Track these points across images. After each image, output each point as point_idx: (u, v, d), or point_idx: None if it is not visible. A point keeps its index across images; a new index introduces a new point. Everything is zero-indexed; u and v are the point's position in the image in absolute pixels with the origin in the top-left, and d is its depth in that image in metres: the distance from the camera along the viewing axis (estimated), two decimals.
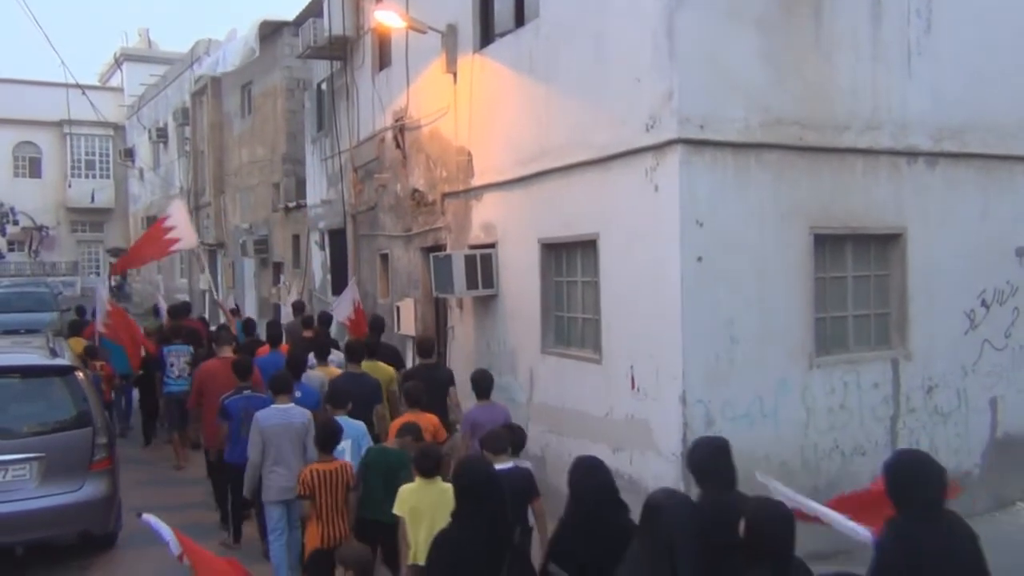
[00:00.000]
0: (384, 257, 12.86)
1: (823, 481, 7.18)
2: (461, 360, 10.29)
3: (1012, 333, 8.30)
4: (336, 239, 15.03)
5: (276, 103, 18.33)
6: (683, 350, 6.60)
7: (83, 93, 20.86)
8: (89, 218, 37.16)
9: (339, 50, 13.73)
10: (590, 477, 4.06)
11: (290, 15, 16.89)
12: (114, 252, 35.46)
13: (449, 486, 4.53)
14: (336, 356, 9.16)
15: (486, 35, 9.76)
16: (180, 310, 12.90)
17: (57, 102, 28.81)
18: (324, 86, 15.15)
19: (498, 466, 4.93)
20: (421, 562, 4.74)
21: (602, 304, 7.64)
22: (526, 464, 5.84)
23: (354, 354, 8.02)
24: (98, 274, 36.25)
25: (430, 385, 7.38)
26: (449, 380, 8.19)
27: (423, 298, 11.37)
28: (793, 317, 7.10)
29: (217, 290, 14.73)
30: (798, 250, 7.13)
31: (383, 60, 12.64)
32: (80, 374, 7.62)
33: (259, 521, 7.09)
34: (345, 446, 6.24)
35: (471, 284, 9.29)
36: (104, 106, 27.31)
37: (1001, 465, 8.20)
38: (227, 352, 8.76)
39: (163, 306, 14.06)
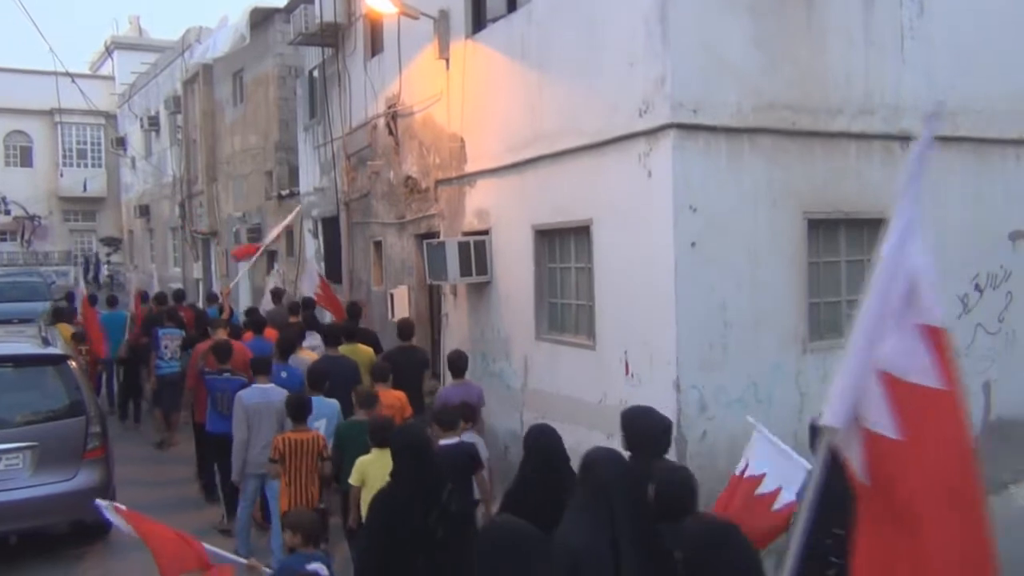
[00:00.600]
0: (378, 244, 12.83)
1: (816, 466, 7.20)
2: (455, 346, 10.28)
3: (1005, 317, 8.32)
4: (329, 227, 14.99)
5: (268, 90, 18.23)
6: (677, 336, 6.61)
7: (73, 81, 20.69)
8: (81, 207, 36.99)
9: (331, 37, 13.65)
10: (539, 440, 4.58)
11: (281, 1, 16.77)
12: (107, 241, 35.35)
13: None
14: (313, 340, 9.49)
15: (478, 20, 9.71)
16: (176, 296, 13.52)
17: (48, 91, 28.60)
18: (316, 73, 15.08)
19: (444, 441, 5.64)
20: None
21: (596, 290, 7.63)
22: (476, 439, 6.27)
23: (331, 338, 8.42)
24: (95, 264, 36.16)
25: (406, 366, 7.89)
26: (424, 362, 8.62)
27: (417, 285, 11.35)
28: (787, 302, 7.11)
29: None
30: (792, 235, 7.13)
31: (375, 46, 12.57)
32: (73, 363, 7.61)
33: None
34: (320, 424, 6.65)
35: (465, 271, 9.28)
36: (95, 95, 27.15)
37: (994, 449, 8.22)
38: (221, 335, 9.11)
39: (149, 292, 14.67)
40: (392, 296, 11.69)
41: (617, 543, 3.47)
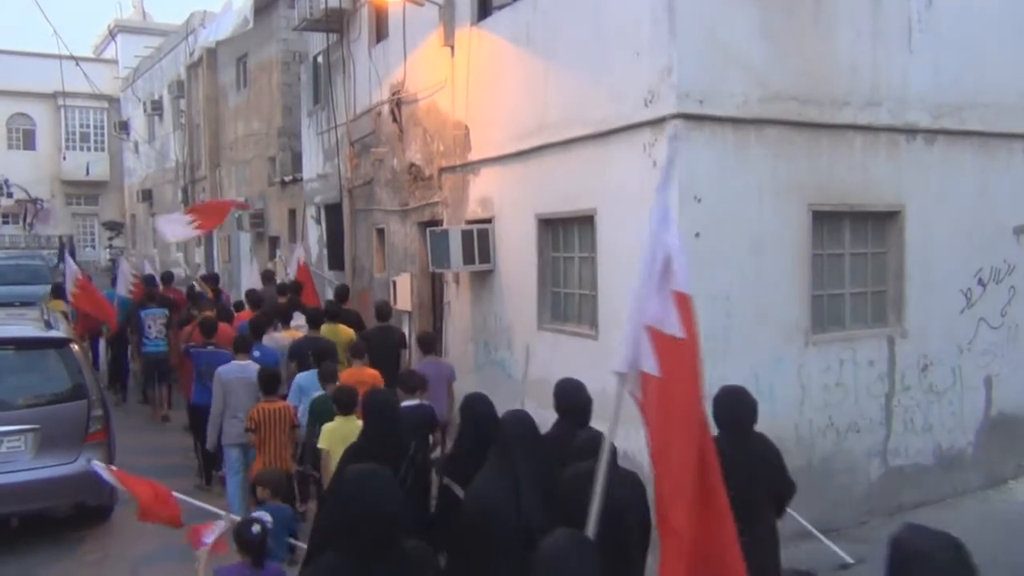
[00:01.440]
0: (380, 232, 12.81)
1: (817, 458, 7.21)
2: (458, 335, 10.29)
3: (1008, 312, 8.31)
4: (332, 213, 14.97)
5: (272, 76, 18.19)
6: None
7: (77, 64, 20.66)
8: (84, 191, 36.98)
9: (335, 22, 13.59)
10: (473, 409, 4.87)
11: None
12: (110, 225, 35.32)
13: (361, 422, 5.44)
14: (299, 320, 9.85)
15: (484, 8, 9.67)
16: (164, 279, 14.00)
17: (51, 74, 28.53)
18: (320, 59, 15.03)
19: (406, 402, 6.16)
20: None
21: (599, 280, 7.62)
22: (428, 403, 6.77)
23: (311, 320, 9.05)
24: (94, 247, 36.18)
25: (383, 345, 8.45)
26: (400, 342, 9.11)
27: (419, 273, 11.34)
28: (790, 294, 7.10)
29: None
30: (796, 227, 7.11)
31: (380, 32, 12.53)
32: (75, 346, 7.62)
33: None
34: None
35: (468, 259, 9.27)
36: (99, 78, 27.06)
37: (994, 443, 8.24)
38: (208, 314, 9.80)
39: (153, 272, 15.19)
40: (395, 283, 11.69)
41: (519, 490, 3.92)
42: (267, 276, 13.50)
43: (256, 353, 8.10)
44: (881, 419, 7.58)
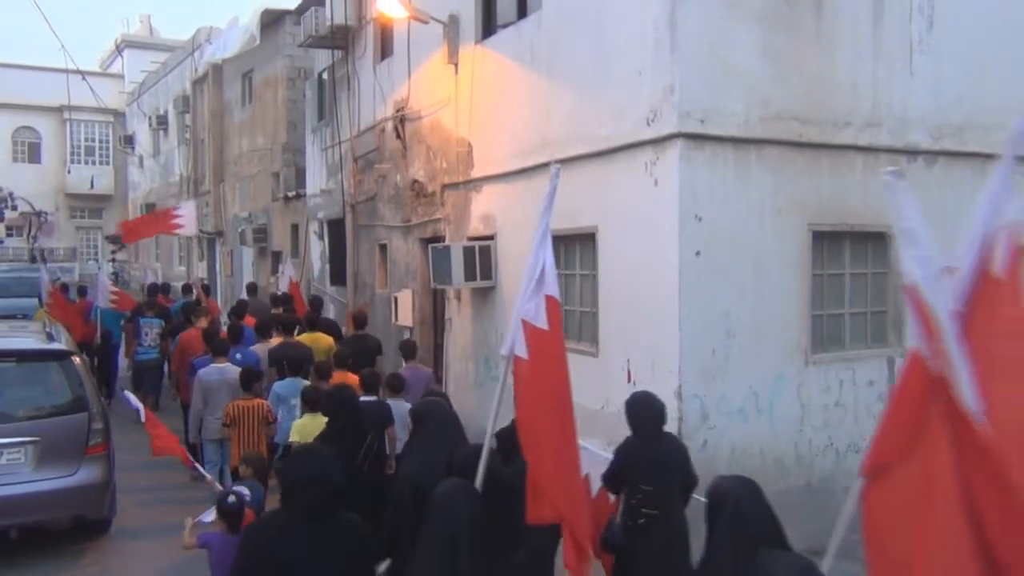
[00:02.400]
0: (383, 248, 12.85)
1: (816, 477, 7.20)
2: (458, 351, 10.30)
3: None
4: (335, 229, 15.02)
5: (277, 92, 18.29)
6: (680, 344, 6.61)
7: (83, 79, 20.79)
8: (88, 204, 37.08)
9: (341, 39, 13.69)
10: (432, 409, 5.30)
11: (292, 3, 16.83)
12: (113, 239, 35.37)
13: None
14: None
15: (488, 26, 9.74)
16: (160, 289, 14.58)
17: (57, 87, 28.74)
18: (325, 75, 15.12)
19: (364, 398, 6.69)
20: None
21: (600, 297, 7.64)
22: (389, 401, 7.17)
23: (287, 328, 9.63)
24: (97, 260, 36.22)
25: (359, 352, 8.77)
26: (376, 349, 9.33)
27: (421, 289, 11.36)
28: (790, 313, 7.11)
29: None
30: (796, 246, 7.14)
31: (385, 50, 12.61)
32: (76, 359, 7.62)
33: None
34: (296, 401, 7.47)
35: (469, 276, 9.29)
36: (104, 92, 27.25)
37: None
38: (203, 323, 10.24)
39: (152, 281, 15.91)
40: (396, 299, 11.71)
41: (451, 466, 4.57)
42: (251, 288, 14.34)
43: (238, 356, 8.69)
44: None
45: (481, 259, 9.32)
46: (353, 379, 7.65)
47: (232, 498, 5.00)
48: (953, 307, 2.98)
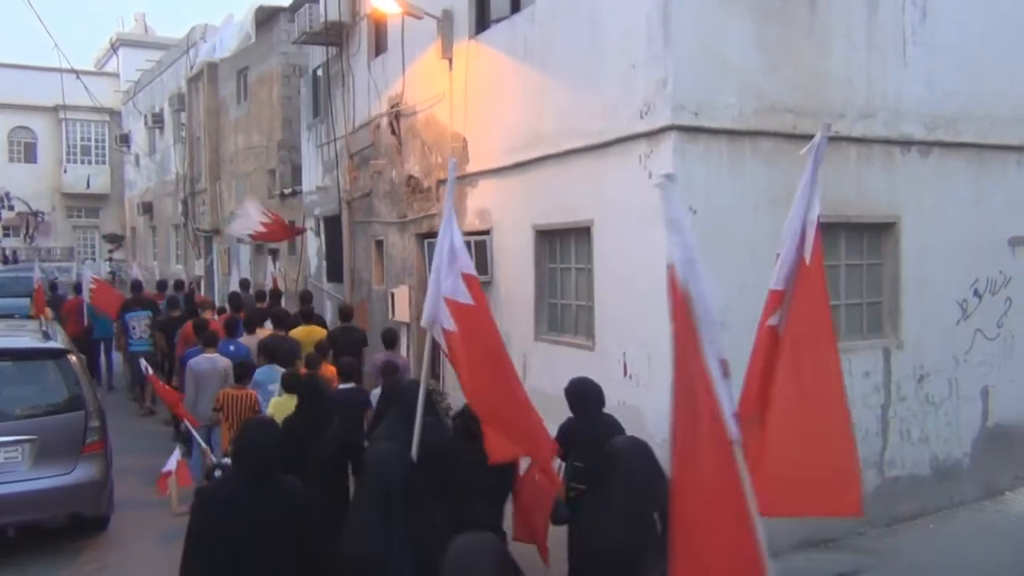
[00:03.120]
0: (379, 243, 12.85)
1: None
2: None
3: (1004, 323, 8.33)
4: (331, 226, 15.01)
5: (272, 89, 18.27)
6: None
7: (78, 78, 20.75)
8: (85, 204, 37.00)
9: (335, 36, 13.68)
10: (405, 393, 5.65)
11: (286, 0, 16.80)
12: (110, 238, 35.34)
13: None
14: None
15: (482, 21, 9.74)
16: (158, 286, 15.89)
17: (52, 87, 28.65)
18: (320, 72, 15.11)
19: (342, 385, 7.41)
20: None
21: (595, 291, 7.65)
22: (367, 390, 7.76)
23: (277, 323, 9.88)
24: (94, 260, 36.18)
25: (345, 343, 9.33)
26: (362, 340, 9.93)
27: (418, 285, 11.36)
28: None
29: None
30: None
31: (379, 46, 12.60)
32: (73, 357, 7.62)
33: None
34: (275, 387, 7.92)
35: None
36: (100, 91, 27.16)
37: (991, 454, 8.24)
38: (208, 314, 11.17)
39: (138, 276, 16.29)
40: (393, 295, 11.71)
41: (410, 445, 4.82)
42: (244, 284, 15.48)
43: (231, 347, 9.16)
44: (877, 430, 7.58)
45: (477, 254, 9.31)
46: (332, 369, 8.22)
47: (219, 472, 5.35)
48: (776, 287, 3.76)
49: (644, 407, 6.95)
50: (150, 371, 8.92)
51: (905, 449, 7.74)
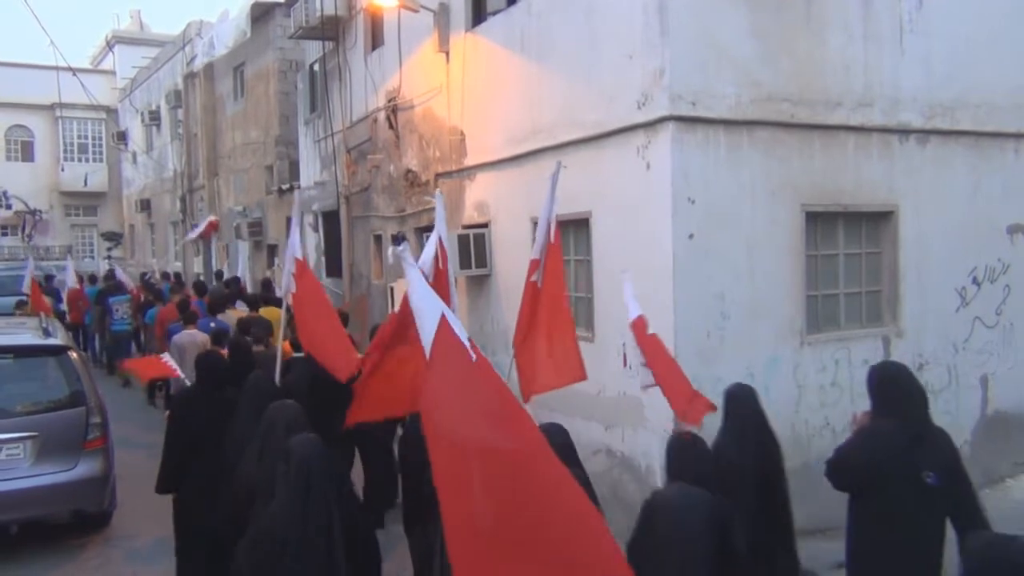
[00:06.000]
0: (378, 238, 12.85)
1: (814, 458, 7.21)
2: None
3: (1003, 310, 8.34)
4: (330, 221, 15.01)
5: (269, 85, 18.24)
6: (675, 327, 6.63)
7: (74, 75, 20.72)
8: (83, 202, 36.93)
9: (331, 30, 13.66)
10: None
11: None
12: (108, 236, 35.30)
13: None
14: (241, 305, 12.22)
15: (478, 13, 9.73)
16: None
17: (49, 85, 28.65)
18: (316, 67, 15.09)
19: (295, 355, 7.76)
20: None
21: (594, 282, 7.66)
22: None
23: (251, 304, 11.44)
24: (92, 258, 36.14)
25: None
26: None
27: None
28: (784, 294, 7.13)
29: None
30: (789, 227, 7.15)
31: (375, 40, 12.58)
32: (74, 354, 7.63)
33: None
34: None
35: (464, 264, 9.29)
36: (96, 89, 27.08)
37: (991, 442, 8.26)
38: (175, 300, 12.44)
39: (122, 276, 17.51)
40: (392, 289, 11.71)
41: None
42: (218, 275, 18.17)
43: (211, 324, 10.29)
44: None
45: (476, 247, 9.32)
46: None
47: None
48: (534, 257, 5.96)
49: (643, 398, 6.95)
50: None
51: None
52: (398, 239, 14.38)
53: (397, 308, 11.59)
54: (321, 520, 3.59)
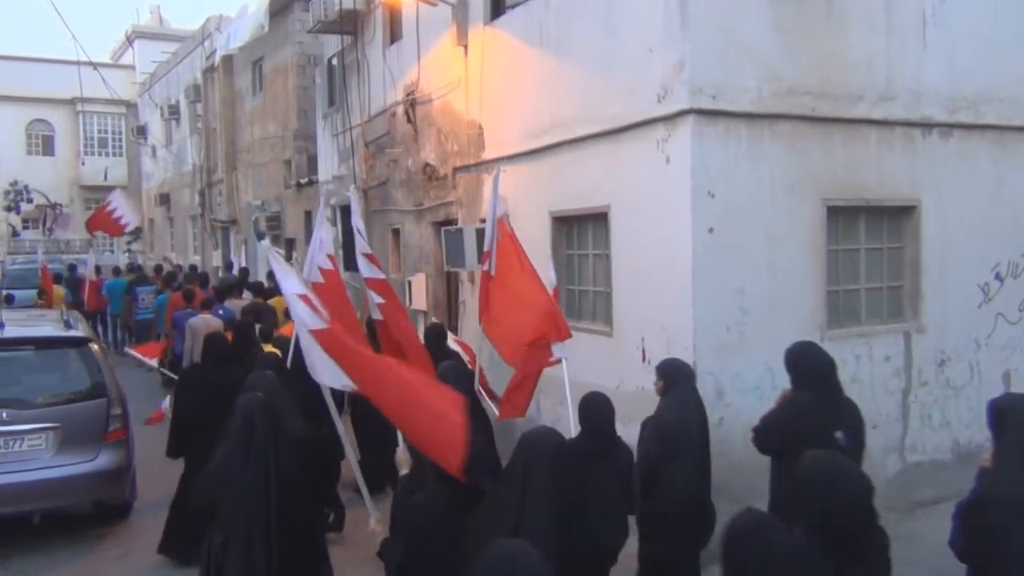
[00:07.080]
0: (396, 232, 12.86)
1: None
2: (472, 334, 10.28)
3: None
4: (348, 215, 15.01)
5: (287, 79, 18.29)
6: (694, 322, 6.60)
7: (95, 70, 20.81)
8: (102, 195, 36.90)
9: (350, 24, 13.66)
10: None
11: None
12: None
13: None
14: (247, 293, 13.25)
15: (497, 7, 9.70)
16: (157, 270, 19.83)
17: (69, 80, 28.75)
18: (335, 61, 15.10)
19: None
20: None
21: (613, 277, 7.63)
22: None
23: (256, 292, 12.51)
24: (112, 251, 36.40)
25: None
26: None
27: (434, 272, 11.38)
28: (805, 289, 7.08)
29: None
30: (811, 222, 7.09)
31: (394, 34, 12.58)
32: (94, 345, 7.69)
33: None
34: None
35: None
36: (116, 84, 27.23)
37: None
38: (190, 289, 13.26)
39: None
40: (410, 283, 11.73)
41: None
42: (228, 266, 18.96)
43: (220, 311, 11.34)
44: (898, 415, 7.55)
45: None
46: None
47: None
48: (486, 250, 6.89)
49: None
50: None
51: (926, 434, 7.70)
52: (261, 234, 17.95)
53: (409, 305, 11.77)
54: (260, 463, 4.41)
